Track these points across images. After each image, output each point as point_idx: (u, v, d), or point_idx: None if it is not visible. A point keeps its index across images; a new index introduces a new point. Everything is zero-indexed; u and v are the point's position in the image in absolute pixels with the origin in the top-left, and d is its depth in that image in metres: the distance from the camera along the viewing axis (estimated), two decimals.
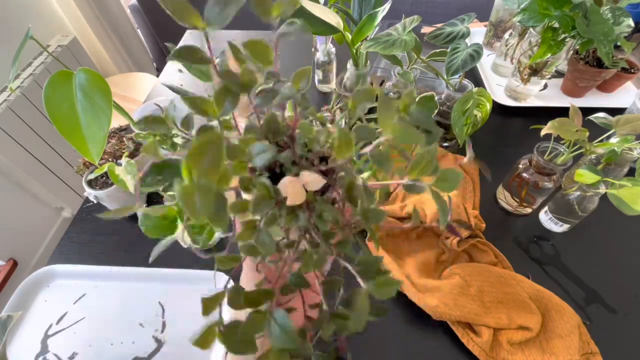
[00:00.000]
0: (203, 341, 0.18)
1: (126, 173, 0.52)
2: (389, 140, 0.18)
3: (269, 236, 0.20)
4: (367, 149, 0.20)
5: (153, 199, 0.66)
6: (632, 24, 0.66)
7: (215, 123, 0.21)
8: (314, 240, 0.21)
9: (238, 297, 0.20)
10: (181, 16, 0.17)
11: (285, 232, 0.22)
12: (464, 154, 0.71)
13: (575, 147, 0.53)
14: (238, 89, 0.20)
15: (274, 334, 0.18)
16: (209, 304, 0.19)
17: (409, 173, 0.19)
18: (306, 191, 0.20)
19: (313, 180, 0.20)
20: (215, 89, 0.19)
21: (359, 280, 0.19)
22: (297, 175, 0.20)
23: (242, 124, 0.23)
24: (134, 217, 0.67)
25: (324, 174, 0.21)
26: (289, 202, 0.19)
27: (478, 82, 0.90)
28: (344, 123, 0.26)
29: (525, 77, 0.77)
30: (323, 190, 0.22)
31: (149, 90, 0.95)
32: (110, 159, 0.58)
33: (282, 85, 0.21)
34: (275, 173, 0.21)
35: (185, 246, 0.51)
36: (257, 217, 0.20)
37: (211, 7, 0.17)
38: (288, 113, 0.24)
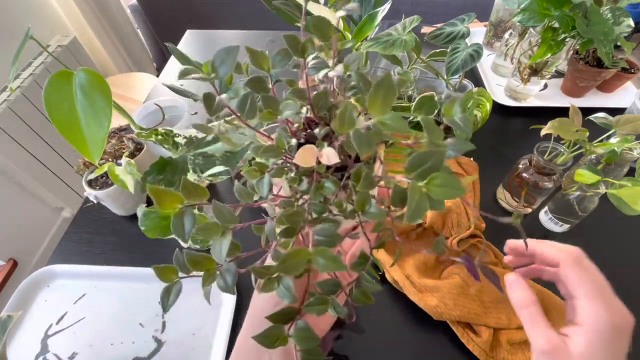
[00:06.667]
0: None
1: (126, 173, 0.52)
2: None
3: (269, 184, 0.23)
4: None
5: None
6: (632, 24, 0.66)
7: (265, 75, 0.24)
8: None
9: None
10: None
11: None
12: (464, 154, 0.71)
13: (575, 147, 0.53)
14: (294, 51, 0.22)
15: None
16: None
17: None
18: (319, 163, 0.21)
19: (328, 153, 0.21)
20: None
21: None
22: None
23: None
24: (134, 217, 0.68)
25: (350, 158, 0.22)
26: (294, 161, 0.21)
27: (478, 82, 0.90)
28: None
29: (525, 77, 0.77)
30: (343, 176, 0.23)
31: (149, 90, 0.95)
32: (110, 159, 0.58)
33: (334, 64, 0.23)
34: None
35: (185, 246, 0.51)
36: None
37: None
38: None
